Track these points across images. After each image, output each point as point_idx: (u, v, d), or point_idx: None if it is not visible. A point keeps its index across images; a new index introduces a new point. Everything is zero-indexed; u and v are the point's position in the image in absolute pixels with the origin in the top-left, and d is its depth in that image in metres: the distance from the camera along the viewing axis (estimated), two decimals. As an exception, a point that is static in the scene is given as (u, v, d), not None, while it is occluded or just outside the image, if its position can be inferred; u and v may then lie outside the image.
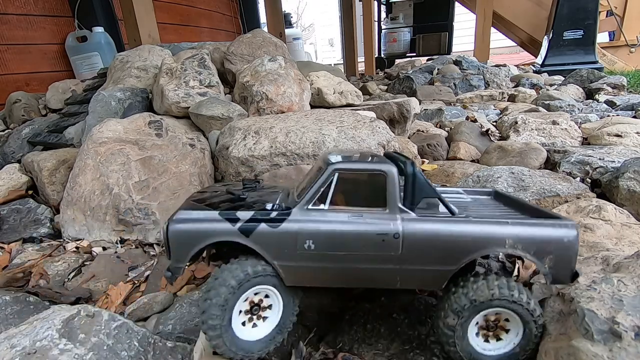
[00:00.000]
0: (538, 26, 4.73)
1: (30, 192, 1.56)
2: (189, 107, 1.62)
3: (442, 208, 0.65)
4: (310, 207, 0.63)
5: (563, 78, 3.40)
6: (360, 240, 0.61)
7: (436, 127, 2.20)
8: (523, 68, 4.70)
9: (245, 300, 0.64)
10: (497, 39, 5.77)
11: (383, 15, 7.56)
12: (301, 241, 0.61)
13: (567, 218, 0.64)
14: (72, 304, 0.85)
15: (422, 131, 2.06)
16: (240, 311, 0.64)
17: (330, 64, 5.61)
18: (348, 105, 1.96)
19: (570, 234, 0.60)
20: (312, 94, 1.89)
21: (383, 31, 7.47)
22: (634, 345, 0.51)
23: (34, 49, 3.09)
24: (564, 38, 3.93)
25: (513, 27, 5.19)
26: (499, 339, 0.64)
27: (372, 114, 1.69)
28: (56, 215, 1.38)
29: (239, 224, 0.62)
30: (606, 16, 4.56)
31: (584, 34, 3.86)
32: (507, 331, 0.63)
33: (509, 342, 0.63)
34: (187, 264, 0.65)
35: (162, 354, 0.70)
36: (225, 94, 1.88)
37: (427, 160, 1.72)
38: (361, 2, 6.23)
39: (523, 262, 0.91)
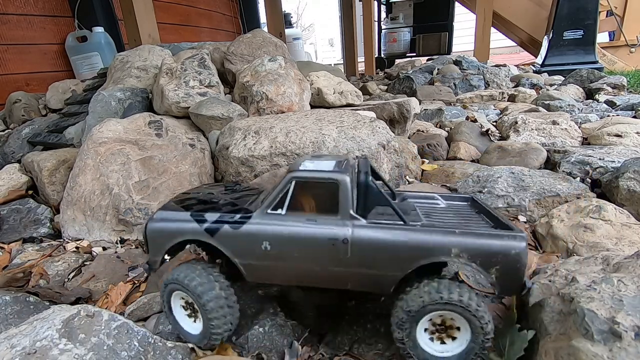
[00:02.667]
0: (538, 26, 4.73)
1: (30, 192, 1.56)
2: (189, 107, 1.62)
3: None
4: (269, 211, 0.68)
5: (563, 78, 3.40)
6: (312, 243, 0.65)
7: (436, 127, 2.20)
8: (523, 68, 4.70)
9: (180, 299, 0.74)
10: (497, 39, 5.76)
11: (383, 15, 7.56)
12: (259, 242, 0.67)
13: (519, 229, 0.63)
14: (72, 304, 0.85)
15: (422, 131, 2.06)
16: (180, 305, 0.75)
17: (330, 64, 5.60)
18: (348, 105, 1.96)
19: (518, 246, 0.60)
20: (312, 94, 1.89)
21: (383, 31, 7.47)
22: (634, 345, 0.51)
23: (34, 49, 3.09)
24: (564, 38, 3.93)
25: (513, 27, 5.19)
26: (454, 338, 0.65)
27: (372, 114, 1.69)
28: (56, 215, 1.38)
29: (205, 225, 0.69)
30: (606, 16, 4.56)
31: (584, 34, 3.86)
32: (458, 329, 0.64)
33: (462, 341, 0.64)
34: (166, 257, 0.74)
35: (162, 354, 0.70)
36: (225, 94, 1.88)
37: (427, 160, 1.72)
38: (361, 2, 6.23)
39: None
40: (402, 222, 0.65)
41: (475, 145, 1.81)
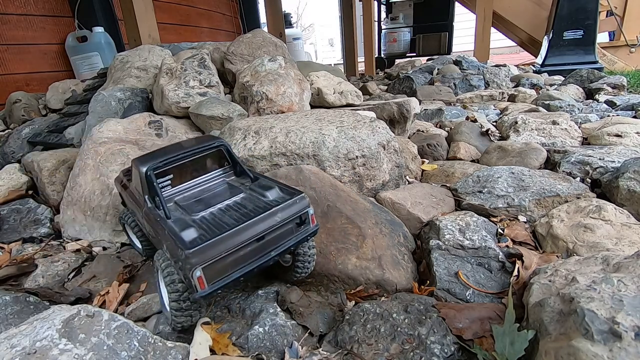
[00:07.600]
0: (538, 26, 4.73)
1: (30, 192, 1.56)
2: (189, 107, 1.62)
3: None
4: None
5: (563, 78, 3.39)
6: None
7: (436, 127, 2.20)
8: (523, 68, 4.70)
9: None
10: (497, 39, 5.76)
11: (383, 15, 7.56)
12: None
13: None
14: (72, 304, 0.85)
15: (422, 131, 2.06)
16: None
17: (330, 64, 5.61)
18: (348, 105, 1.96)
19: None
20: (312, 94, 1.89)
21: (383, 31, 7.47)
22: (634, 345, 0.51)
23: (34, 49, 3.09)
24: (564, 38, 3.93)
25: (513, 27, 5.19)
26: None
27: (372, 114, 1.69)
28: (56, 215, 1.38)
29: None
30: (606, 16, 4.56)
31: (584, 34, 3.86)
32: None
33: None
34: None
35: (162, 354, 0.70)
36: (225, 94, 1.89)
37: (427, 160, 1.72)
38: (361, 2, 6.23)
39: (523, 262, 0.91)
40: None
41: (475, 145, 1.81)
